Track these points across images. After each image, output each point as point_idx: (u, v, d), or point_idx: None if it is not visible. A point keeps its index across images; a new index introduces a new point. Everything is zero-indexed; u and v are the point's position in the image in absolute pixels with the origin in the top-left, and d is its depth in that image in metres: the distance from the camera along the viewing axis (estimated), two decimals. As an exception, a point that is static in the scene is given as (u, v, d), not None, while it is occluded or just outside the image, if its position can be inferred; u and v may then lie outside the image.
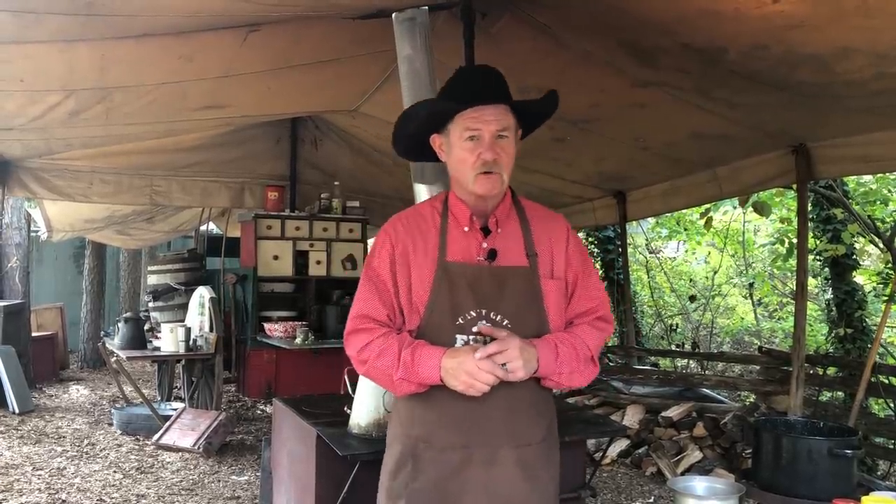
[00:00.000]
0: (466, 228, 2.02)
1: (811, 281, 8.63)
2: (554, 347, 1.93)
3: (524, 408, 1.98)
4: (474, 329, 1.94)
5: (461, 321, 1.95)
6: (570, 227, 2.15)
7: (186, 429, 6.40)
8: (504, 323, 1.95)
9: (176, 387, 8.39)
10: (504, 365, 1.84)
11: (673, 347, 10.51)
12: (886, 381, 5.80)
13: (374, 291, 2.01)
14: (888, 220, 8.23)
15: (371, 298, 2.01)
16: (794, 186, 5.40)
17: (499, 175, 1.95)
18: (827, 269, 8.20)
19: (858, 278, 8.46)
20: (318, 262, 6.98)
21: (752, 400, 6.83)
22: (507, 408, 1.95)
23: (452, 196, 2.07)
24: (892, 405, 6.09)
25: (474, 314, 1.95)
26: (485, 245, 2.01)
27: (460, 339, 1.95)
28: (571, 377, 1.96)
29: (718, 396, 6.94)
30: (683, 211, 10.29)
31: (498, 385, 1.88)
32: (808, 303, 6.92)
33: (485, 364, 1.83)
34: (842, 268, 7.98)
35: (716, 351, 10.12)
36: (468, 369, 1.83)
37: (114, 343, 7.01)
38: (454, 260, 1.98)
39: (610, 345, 8.50)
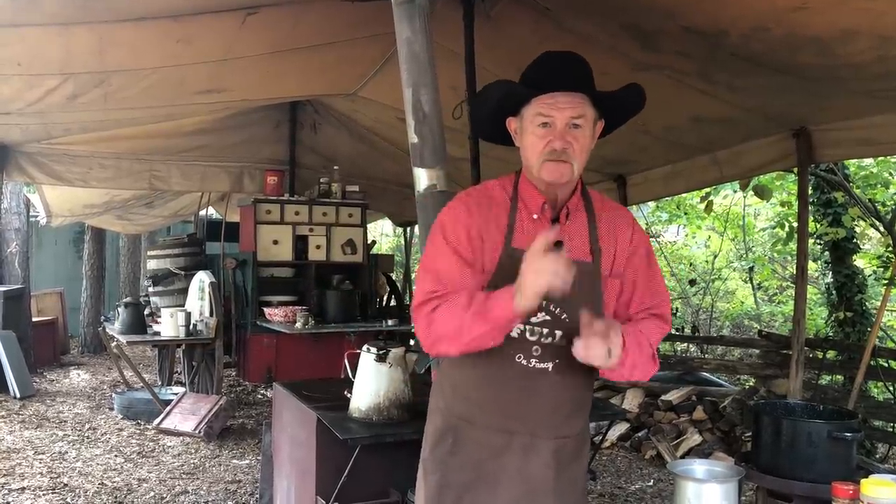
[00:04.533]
0: (536, 216, 1.94)
1: (811, 265, 8.63)
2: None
3: (567, 400, 1.97)
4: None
5: None
6: (634, 219, 2.08)
7: (187, 413, 6.43)
8: (563, 317, 1.90)
9: (176, 371, 8.41)
10: (610, 351, 1.73)
11: (673, 331, 10.53)
12: (886, 365, 5.82)
13: (457, 263, 1.88)
14: (889, 203, 8.22)
15: (452, 269, 1.88)
16: (795, 170, 5.38)
17: (569, 164, 1.87)
18: (827, 252, 8.20)
19: (859, 262, 8.47)
20: (318, 247, 6.98)
21: (751, 384, 6.85)
22: (551, 398, 1.93)
23: (524, 180, 1.98)
24: (891, 388, 6.11)
25: None
26: None
27: (519, 329, 1.90)
28: (633, 371, 1.89)
29: (718, 380, 6.97)
30: (684, 195, 10.27)
31: (546, 375, 1.89)
32: (808, 286, 6.91)
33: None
34: (842, 251, 7.98)
35: (715, 335, 10.14)
36: (538, 266, 1.64)
37: (114, 328, 7.03)
38: (520, 247, 1.86)
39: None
